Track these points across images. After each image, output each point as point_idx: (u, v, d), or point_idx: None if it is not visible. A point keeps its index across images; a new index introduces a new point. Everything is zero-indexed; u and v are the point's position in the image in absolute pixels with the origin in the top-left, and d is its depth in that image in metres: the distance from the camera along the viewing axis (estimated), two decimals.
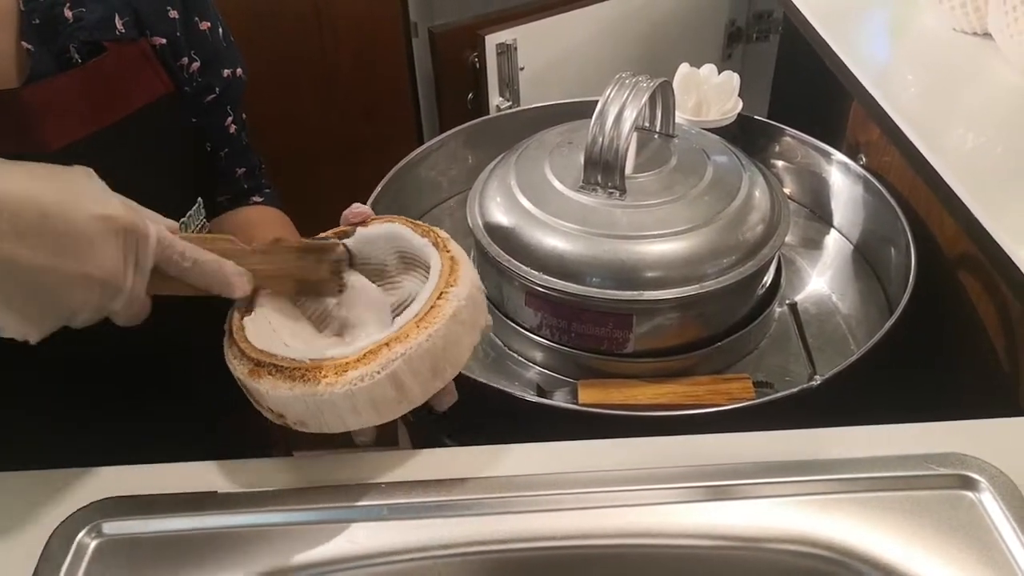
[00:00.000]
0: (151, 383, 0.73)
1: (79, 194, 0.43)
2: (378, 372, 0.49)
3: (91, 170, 0.45)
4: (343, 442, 0.55)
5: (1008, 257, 0.65)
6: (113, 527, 0.50)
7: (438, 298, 0.53)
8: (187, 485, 0.52)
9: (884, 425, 0.54)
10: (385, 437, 0.58)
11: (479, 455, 0.54)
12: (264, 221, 0.79)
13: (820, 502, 0.49)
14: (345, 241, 0.60)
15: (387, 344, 0.50)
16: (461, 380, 0.59)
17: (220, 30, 0.72)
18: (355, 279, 0.59)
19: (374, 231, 0.61)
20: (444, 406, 0.56)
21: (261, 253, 0.55)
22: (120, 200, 0.45)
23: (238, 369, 0.52)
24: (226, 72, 0.72)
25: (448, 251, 0.57)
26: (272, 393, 0.49)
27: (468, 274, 0.56)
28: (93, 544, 0.49)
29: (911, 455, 0.50)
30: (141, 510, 0.50)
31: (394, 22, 1.39)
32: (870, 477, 0.50)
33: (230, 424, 0.78)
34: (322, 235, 0.62)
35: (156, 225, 0.47)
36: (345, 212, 0.63)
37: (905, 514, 0.48)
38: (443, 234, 0.59)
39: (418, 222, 0.61)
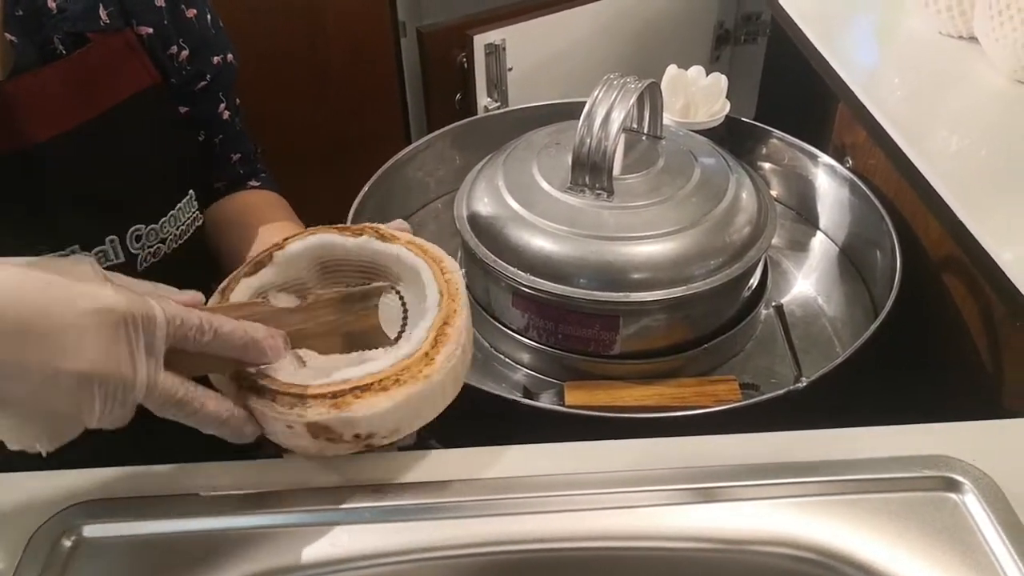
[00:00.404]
0: None
1: (68, 288, 0.40)
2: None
3: (87, 257, 0.44)
4: None
5: (992, 260, 0.65)
6: (93, 530, 0.49)
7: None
8: (169, 487, 0.51)
9: (869, 427, 0.54)
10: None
11: (465, 457, 0.54)
12: (264, 204, 0.79)
13: (805, 504, 0.49)
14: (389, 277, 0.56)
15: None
16: None
17: (208, 16, 0.71)
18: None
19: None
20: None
21: (297, 311, 0.51)
22: (117, 287, 0.42)
23: (309, 414, 0.47)
24: (216, 59, 0.72)
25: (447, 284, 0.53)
26: (370, 412, 0.47)
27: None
28: (73, 547, 0.48)
29: (895, 457, 0.50)
30: (122, 513, 0.50)
31: (382, 21, 1.38)
32: (854, 479, 0.50)
33: None
34: (357, 227, 0.57)
35: (165, 303, 0.43)
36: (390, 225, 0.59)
37: (889, 516, 0.48)
38: (460, 297, 0.54)
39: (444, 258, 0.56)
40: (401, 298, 0.55)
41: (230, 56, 0.73)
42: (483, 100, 1.19)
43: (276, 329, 0.48)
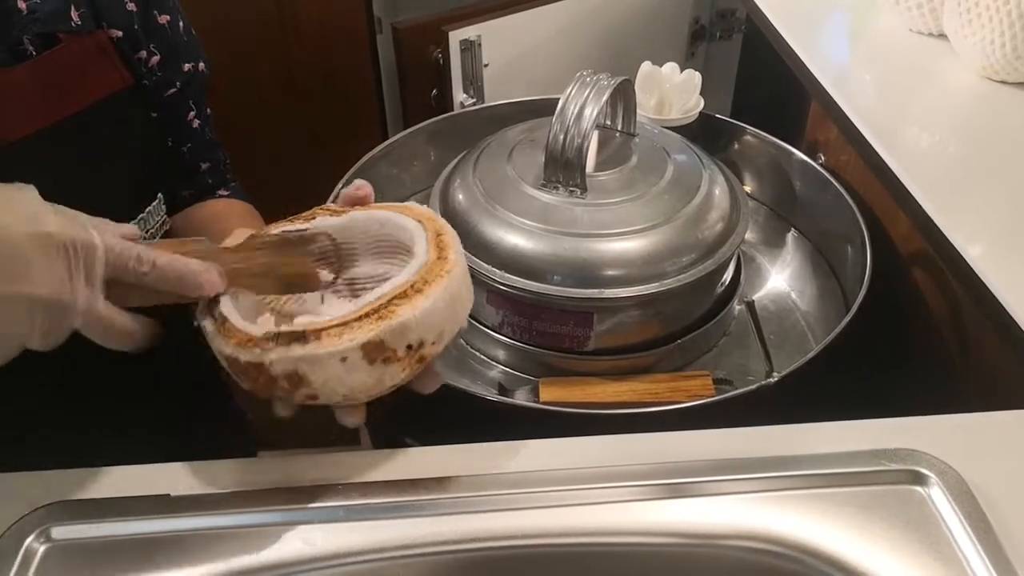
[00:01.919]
0: (113, 378, 0.72)
1: (12, 214, 0.41)
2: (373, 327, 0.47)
3: (30, 186, 0.44)
4: (310, 440, 0.55)
5: (960, 255, 0.66)
6: (62, 532, 0.49)
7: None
8: (140, 488, 0.51)
9: (839, 422, 0.55)
10: (346, 437, 0.57)
11: (440, 455, 0.54)
12: (232, 213, 0.78)
13: (775, 498, 0.50)
14: (327, 227, 0.56)
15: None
16: None
17: (180, 24, 0.71)
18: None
19: (362, 216, 0.57)
20: (428, 389, 0.54)
21: (235, 251, 0.52)
22: (58, 214, 0.43)
23: (359, 335, 0.46)
24: (187, 66, 0.71)
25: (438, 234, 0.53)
26: (416, 312, 0.47)
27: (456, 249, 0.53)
28: (42, 549, 0.48)
29: (863, 451, 0.51)
30: (92, 514, 0.49)
31: (358, 17, 1.38)
32: (823, 473, 0.50)
33: (197, 423, 0.77)
34: (308, 212, 0.58)
35: (105, 234, 0.45)
36: (346, 190, 0.59)
37: (856, 509, 0.49)
38: (438, 220, 0.55)
39: (409, 205, 0.57)
40: (334, 241, 0.56)
41: (202, 65, 0.73)
42: (459, 96, 1.18)
43: (212, 263, 0.49)
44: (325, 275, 0.56)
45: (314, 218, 0.57)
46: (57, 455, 0.53)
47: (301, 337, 0.47)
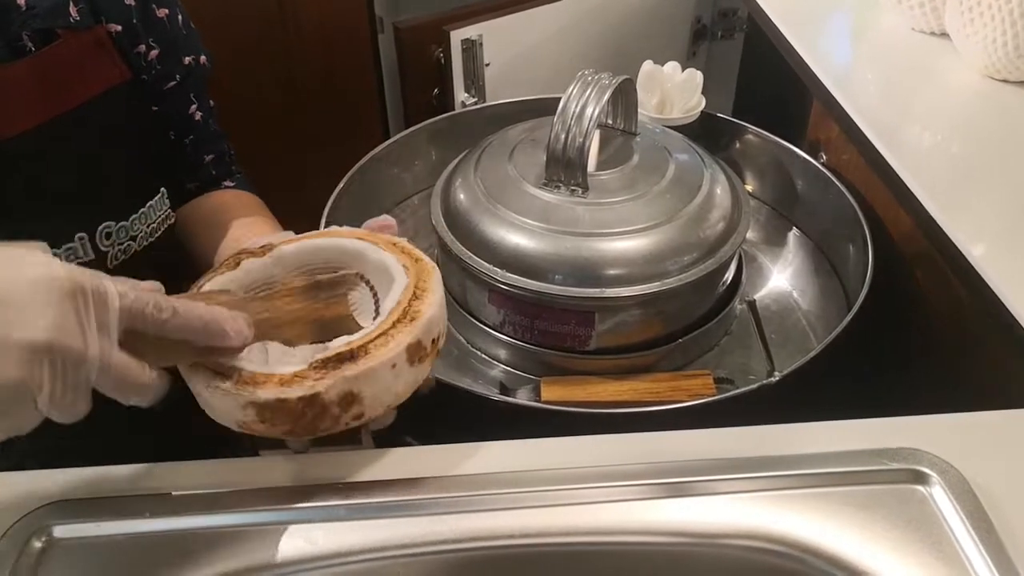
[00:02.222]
0: None
1: (15, 266, 0.39)
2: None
3: (42, 243, 0.41)
4: (310, 441, 0.55)
5: (961, 254, 0.66)
6: (64, 531, 0.49)
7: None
8: (140, 487, 0.51)
9: (840, 421, 0.55)
10: (347, 436, 0.57)
11: (441, 454, 0.54)
12: (239, 205, 0.78)
13: (776, 498, 0.50)
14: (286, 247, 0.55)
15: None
16: None
17: (179, 17, 0.71)
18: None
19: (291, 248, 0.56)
20: (427, 387, 0.54)
21: (265, 300, 0.50)
22: (70, 265, 0.40)
23: (401, 338, 0.47)
24: (187, 59, 0.71)
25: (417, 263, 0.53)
26: (433, 309, 0.50)
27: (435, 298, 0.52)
28: (43, 549, 0.48)
29: (865, 450, 0.51)
30: (93, 513, 0.49)
31: (359, 16, 1.38)
32: (825, 472, 0.50)
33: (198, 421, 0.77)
34: (234, 256, 0.55)
35: (120, 285, 0.42)
36: (369, 222, 0.59)
37: (858, 508, 0.49)
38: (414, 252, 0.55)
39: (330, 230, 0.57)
40: (371, 286, 0.55)
41: (202, 58, 0.73)
42: (460, 96, 1.18)
43: (238, 311, 0.46)
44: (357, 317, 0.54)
45: (239, 263, 0.54)
46: (58, 454, 0.53)
47: (350, 357, 0.47)
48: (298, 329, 0.51)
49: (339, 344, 0.48)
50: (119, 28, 0.64)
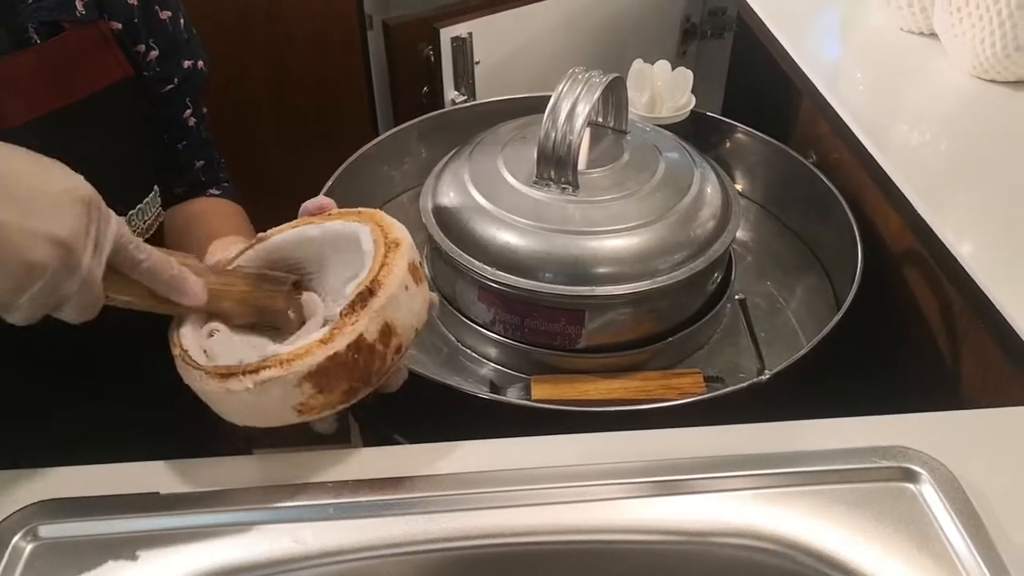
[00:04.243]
0: (101, 375, 0.71)
1: (49, 168, 0.44)
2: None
3: (57, 160, 0.46)
4: (303, 439, 0.54)
5: (950, 253, 0.66)
6: (50, 530, 0.48)
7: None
8: (129, 486, 0.51)
9: (830, 419, 0.55)
10: (337, 435, 0.57)
11: (431, 452, 0.54)
12: (218, 212, 0.78)
13: (766, 496, 0.50)
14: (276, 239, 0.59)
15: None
16: (414, 376, 0.58)
17: (182, 21, 0.71)
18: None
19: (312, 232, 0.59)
20: (396, 387, 0.56)
21: (220, 274, 0.54)
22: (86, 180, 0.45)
23: (366, 323, 0.49)
24: (186, 63, 0.71)
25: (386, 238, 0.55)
26: (390, 292, 0.50)
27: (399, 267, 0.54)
28: (29, 548, 0.48)
29: (855, 448, 0.51)
30: (80, 512, 0.49)
31: (349, 13, 1.37)
32: (815, 470, 0.50)
33: (186, 420, 0.76)
34: (274, 229, 0.60)
35: (117, 218, 0.46)
36: (306, 204, 0.61)
37: (848, 506, 0.49)
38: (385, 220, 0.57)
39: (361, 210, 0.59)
40: (319, 294, 0.58)
41: (200, 63, 0.73)
42: (450, 93, 1.18)
43: (199, 278, 0.51)
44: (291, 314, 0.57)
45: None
46: (45, 453, 0.53)
47: (368, 294, 0.50)
48: (239, 308, 0.55)
49: (351, 290, 0.51)
50: (119, 26, 0.64)
